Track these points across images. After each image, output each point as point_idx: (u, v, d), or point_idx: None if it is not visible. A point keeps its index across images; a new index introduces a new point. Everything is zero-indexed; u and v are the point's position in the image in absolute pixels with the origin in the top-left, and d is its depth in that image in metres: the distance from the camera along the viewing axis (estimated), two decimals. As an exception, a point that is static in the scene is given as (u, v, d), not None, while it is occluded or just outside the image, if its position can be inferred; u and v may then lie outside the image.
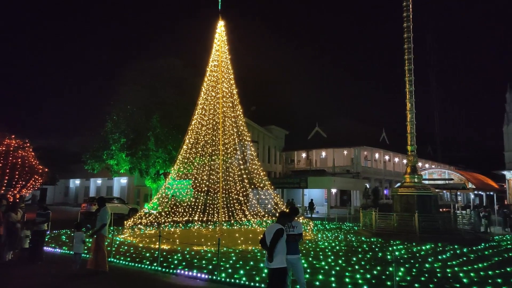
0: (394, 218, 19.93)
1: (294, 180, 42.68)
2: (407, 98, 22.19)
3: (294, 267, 7.45)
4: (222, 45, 20.29)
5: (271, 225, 7.04)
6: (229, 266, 11.18)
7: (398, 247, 15.91)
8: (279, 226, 6.79)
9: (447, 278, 10.25)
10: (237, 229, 21.78)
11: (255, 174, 21.29)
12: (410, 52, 22.33)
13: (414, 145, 22.06)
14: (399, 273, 10.33)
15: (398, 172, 53.16)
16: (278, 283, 6.63)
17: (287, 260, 7.14)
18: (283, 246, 6.74)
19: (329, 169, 49.27)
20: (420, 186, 21.30)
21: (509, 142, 50.89)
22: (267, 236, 6.69)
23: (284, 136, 56.26)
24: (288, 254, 7.13)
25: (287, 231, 7.40)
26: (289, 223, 7.57)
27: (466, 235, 19.23)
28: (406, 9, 22.56)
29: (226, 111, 20.17)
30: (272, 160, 53.63)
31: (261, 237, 6.95)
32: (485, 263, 12.59)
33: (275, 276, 6.62)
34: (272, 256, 6.57)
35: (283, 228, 6.86)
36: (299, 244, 7.73)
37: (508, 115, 51.95)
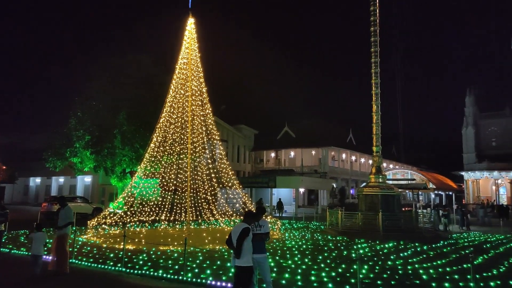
0: (359, 217, 20.43)
1: (263, 179, 42.89)
2: (373, 100, 22.78)
3: (261, 266, 7.47)
4: (191, 42, 20.08)
5: (237, 224, 7.05)
6: (195, 266, 11.08)
7: (363, 245, 16.32)
8: (245, 225, 6.81)
9: (408, 275, 10.62)
10: (205, 228, 21.63)
11: (223, 173, 21.22)
12: (377, 56, 22.93)
13: (379, 146, 22.67)
14: (362, 271, 10.59)
15: (364, 172, 54.56)
16: (244, 282, 6.65)
17: (254, 259, 7.16)
18: (249, 245, 6.75)
19: (297, 169, 49.86)
20: (384, 186, 21.93)
21: (467, 145, 53.43)
22: (233, 236, 6.69)
23: (253, 136, 56.42)
24: (254, 253, 7.15)
25: (254, 230, 7.42)
26: (256, 223, 7.60)
27: (427, 233, 20.01)
28: (373, 13, 23.16)
29: (195, 110, 19.97)
30: (241, 159, 53.65)
31: (228, 237, 6.94)
32: (444, 260, 13.13)
33: (242, 275, 6.62)
34: (239, 255, 6.57)
35: (249, 227, 6.88)
36: (266, 243, 7.77)
37: (467, 119, 54.55)
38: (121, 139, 27.93)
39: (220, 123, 46.04)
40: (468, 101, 55.23)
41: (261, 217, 7.84)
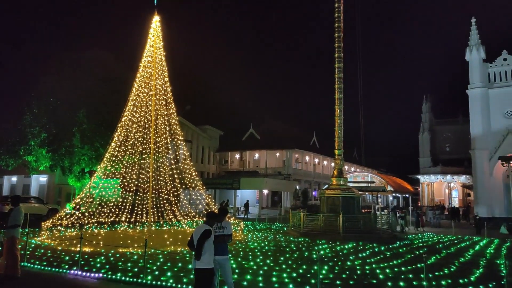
0: (320, 219, 20.83)
1: (227, 180, 42.79)
2: (336, 105, 23.32)
3: (222, 267, 7.45)
4: (157, 40, 19.74)
5: (199, 226, 7.00)
6: (156, 268, 10.87)
7: (323, 246, 16.65)
8: (207, 227, 6.76)
9: (366, 275, 10.95)
10: (167, 230, 21.27)
11: (187, 174, 20.96)
12: (340, 61, 23.51)
13: (341, 149, 23.23)
14: (323, 271, 10.81)
15: (326, 174, 55.71)
16: (205, 284, 6.60)
17: (216, 260, 7.13)
18: (210, 247, 6.71)
19: (261, 171, 50.14)
20: (345, 188, 22.49)
21: (423, 149, 55.90)
22: (195, 238, 6.63)
23: (218, 137, 56.18)
24: (216, 254, 7.12)
25: (216, 232, 7.39)
26: (218, 224, 7.56)
27: (384, 234, 20.72)
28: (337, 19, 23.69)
29: (159, 109, 19.63)
30: (205, 160, 53.24)
31: (189, 239, 6.86)
32: (399, 260, 13.64)
33: (202, 277, 6.57)
34: (200, 256, 6.52)
35: (211, 229, 6.84)
36: (228, 245, 7.75)
37: (424, 125, 57.10)
38: (81, 137, 26.93)
39: (184, 123, 45.47)
40: (424, 108, 57.84)
41: (224, 219, 7.82)
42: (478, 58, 34.56)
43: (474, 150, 34.00)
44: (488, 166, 33.11)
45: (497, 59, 34.51)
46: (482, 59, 34.67)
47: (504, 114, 33.28)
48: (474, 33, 35.24)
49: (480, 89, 33.97)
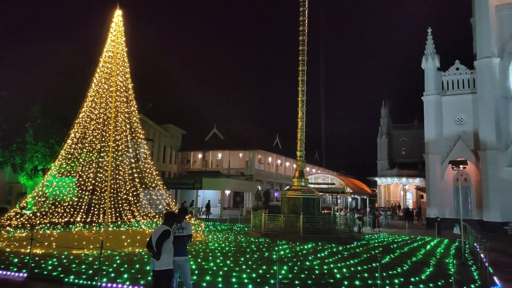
0: (281, 220, 21.05)
1: (189, 180, 42.27)
2: (299, 107, 23.67)
3: (182, 269, 7.36)
4: (118, 35, 19.17)
5: (158, 227, 6.87)
6: (112, 270, 10.54)
7: (284, 247, 16.84)
8: (166, 227, 6.65)
9: (324, 274, 11.18)
10: (125, 230, 20.69)
11: (147, 173, 20.50)
12: (304, 64, 23.89)
13: (303, 151, 23.60)
14: (282, 271, 10.92)
15: (288, 175, 56.39)
16: (163, 285, 6.48)
17: (175, 261, 7.04)
18: (169, 248, 6.61)
19: (224, 171, 49.98)
20: (306, 189, 22.86)
21: (381, 152, 57.96)
22: (154, 239, 6.50)
23: (181, 136, 55.40)
24: (176, 255, 7.04)
25: (176, 232, 7.29)
26: (178, 224, 7.47)
27: (342, 235, 21.26)
28: (302, 23, 24.08)
29: (119, 106, 19.07)
30: (167, 159, 52.33)
31: (148, 240, 6.71)
32: (356, 259, 14.06)
33: (160, 278, 6.45)
34: (158, 257, 6.40)
35: (170, 229, 6.73)
36: (188, 246, 7.66)
37: (382, 129, 59.21)
38: (34, 133, 25.67)
39: (146, 121, 44.47)
40: (383, 113, 59.99)
41: (184, 219, 7.72)
42: (433, 66, 36.27)
43: (427, 154, 35.63)
44: (440, 170, 34.83)
45: (450, 68, 36.38)
46: (436, 68, 36.41)
47: (455, 120, 35.14)
48: (430, 43, 36.96)
49: (434, 96, 35.68)
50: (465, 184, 33.47)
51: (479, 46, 33.88)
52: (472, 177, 33.90)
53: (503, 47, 33.55)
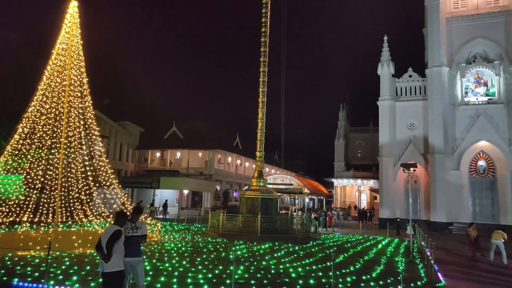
0: (239, 220, 21.08)
1: (146, 179, 41.28)
2: (260, 108, 23.82)
3: (135, 270, 7.18)
4: (73, 27, 18.35)
5: (108, 227, 6.65)
6: (60, 272, 10.07)
7: (241, 247, 16.87)
8: (116, 227, 6.45)
9: (279, 274, 11.32)
10: (76, 231, 19.84)
11: (101, 171, 19.77)
12: (265, 65, 24.07)
13: (262, 152, 23.76)
14: (238, 271, 10.94)
15: (248, 176, 56.55)
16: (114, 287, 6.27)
17: (127, 263, 6.88)
18: (120, 249, 6.42)
19: (183, 170, 49.27)
20: (264, 189, 23.04)
21: (338, 154, 59.56)
22: (103, 239, 6.27)
23: (139, 134, 53.99)
24: (129, 256, 6.88)
25: (130, 232, 7.13)
26: (132, 224, 7.30)
27: (299, 235, 21.63)
28: (264, 24, 24.25)
29: (72, 101, 18.25)
30: (124, 157, 50.81)
31: (97, 242, 6.46)
32: (311, 258, 14.35)
33: (111, 280, 6.24)
34: (108, 259, 6.18)
35: (121, 229, 6.53)
36: (142, 246, 7.48)
37: (339, 131, 60.86)
38: (-23, 127, 24.00)
39: (102, 117, 42.95)
40: (341, 116, 61.70)
41: (138, 218, 7.54)
42: (388, 73, 37.81)
43: (381, 157, 37.09)
44: (393, 172, 36.36)
45: (404, 75, 38.07)
46: (391, 74, 37.98)
47: (407, 125, 36.82)
48: (386, 50, 38.51)
49: (389, 102, 37.20)
50: (415, 186, 35.17)
51: (430, 56, 35.75)
52: (422, 180, 35.67)
53: (452, 57, 35.60)
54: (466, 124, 33.91)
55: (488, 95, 34.36)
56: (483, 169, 33.68)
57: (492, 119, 33.21)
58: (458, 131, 34.30)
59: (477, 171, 33.84)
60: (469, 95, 34.92)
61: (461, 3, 36.18)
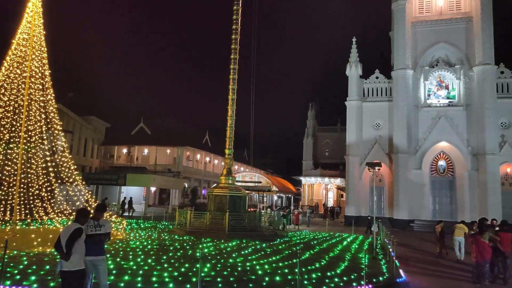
0: (207, 217, 20.95)
1: (112, 176, 40.20)
2: (229, 105, 23.73)
3: (97, 269, 7.02)
4: (36, 17, 17.57)
5: (68, 225, 6.44)
6: (18, 272, 9.65)
7: (208, 245, 16.77)
8: (77, 225, 6.25)
9: (246, 271, 11.35)
10: (35, 229, 19.04)
11: (64, 167, 19.07)
12: (235, 63, 24.00)
13: (231, 149, 23.71)
14: (205, 269, 10.88)
15: (217, 173, 56.31)
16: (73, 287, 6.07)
17: (90, 261, 6.73)
18: (81, 247, 6.23)
19: (150, 167, 48.41)
20: (233, 187, 23.01)
21: (306, 153, 60.40)
22: (63, 238, 6.05)
23: (104, 129, 52.55)
24: (91, 255, 6.73)
25: (93, 230, 6.96)
26: (95, 222, 7.13)
27: (267, 232, 21.77)
28: (235, 21, 24.16)
29: (33, 94, 17.48)
30: (88, 153, 49.32)
31: (56, 240, 6.24)
32: (278, 256, 14.48)
33: (70, 279, 6.04)
34: (68, 258, 5.98)
35: (82, 227, 6.34)
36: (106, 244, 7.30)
37: (308, 130, 61.71)
38: None
39: (65, 112, 41.45)
40: (310, 115, 62.59)
41: (101, 216, 7.35)
42: (356, 74, 38.67)
43: (348, 156, 37.93)
44: (359, 171, 37.28)
45: (371, 77, 39.07)
46: (359, 75, 38.86)
47: (373, 125, 37.84)
48: (354, 52, 39.35)
49: (356, 102, 38.08)
50: (380, 185, 36.22)
51: (396, 58, 36.88)
52: (386, 178, 36.79)
53: (417, 61, 36.88)
54: (428, 125, 35.28)
55: (449, 98, 35.87)
56: (443, 169, 35.17)
57: (452, 121, 34.72)
58: (421, 132, 35.61)
59: (437, 170, 35.29)
60: (431, 97, 36.31)
61: (426, 8, 37.51)
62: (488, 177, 32.45)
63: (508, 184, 34.16)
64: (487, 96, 33.59)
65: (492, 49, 34.08)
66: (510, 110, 34.32)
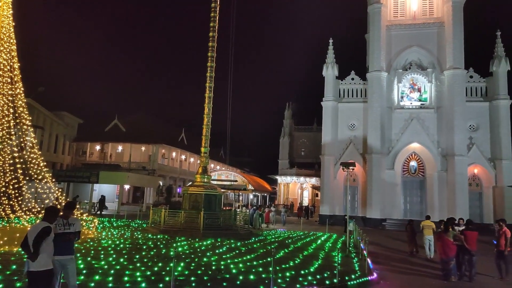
0: (182, 216, 20.73)
1: (84, 173, 39.21)
2: (206, 103, 23.54)
3: (66, 269, 6.83)
4: (5, 7, 16.92)
5: (36, 224, 6.24)
6: (-19, 272, 9.27)
7: (182, 243, 16.61)
8: (45, 224, 6.06)
9: (220, 270, 11.30)
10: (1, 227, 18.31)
11: (33, 164, 18.44)
12: (213, 61, 23.82)
13: (207, 147, 23.54)
14: (178, 268, 10.76)
15: (192, 171, 55.81)
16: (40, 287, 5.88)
17: (58, 261, 6.55)
18: (49, 247, 6.05)
19: (124, 165, 47.49)
20: (208, 186, 22.86)
21: (283, 152, 60.78)
22: (30, 237, 5.85)
23: (77, 125, 51.22)
24: (59, 254, 6.55)
25: (62, 229, 6.77)
26: (64, 221, 6.94)
27: (242, 231, 21.77)
28: (213, 19, 23.96)
29: (1, 87, 16.83)
30: (59, 150, 47.93)
31: (23, 239, 6.02)
32: (253, 254, 14.49)
33: (36, 280, 5.85)
34: (35, 257, 5.78)
35: (50, 226, 6.16)
36: (76, 243, 7.12)
37: (285, 129, 62.09)
38: None
39: (36, 106, 40.18)
40: (286, 114, 62.99)
41: (71, 214, 7.16)
42: (332, 74, 39.18)
43: (323, 156, 38.41)
44: (333, 170, 37.82)
45: (346, 78, 39.68)
46: (335, 76, 39.40)
47: (348, 126, 38.46)
48: (331, 53, 39.84)
49: (332, 102, 38.58)
50: (353, 184, 36.89)
51: (371, 60, 37.60)
52: (360, 178, 37.47)
53: (391, 63, 37.71)
54: (401, 127, 36.16)
55: (421, 100, 36.88)
56: (414, 169, 36.16)
57: (423, 123, 35.73)
58: (394, 133, 36.45)
59: (409, 171, 36.25)
60: (404, 99, 37.23)
61: (400, 12, 38.40)
62: (457, 177, 33.58)
63: (475, 184, 35.48)
64: (457, 100, 34.74)
65: (462, 54, 35.27)
66: (478, 113, 35.64)
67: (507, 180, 33.23)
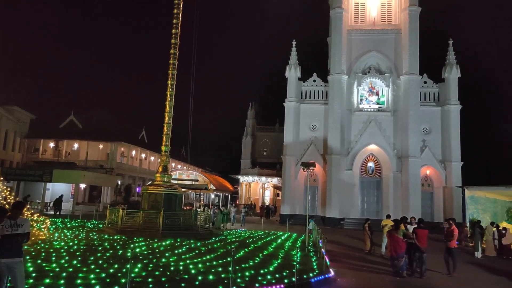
0: (140, 216, 20.23)
1: (36, 171, 37.34)
2: (167, 101, 23.10)
3: (13, 272, 6.51)
4: None
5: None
6: None
7: (140, 244, 16.21)
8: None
9: (179, 271, 11.12)
10: None
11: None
12: (175, 58, 23.42)
13: (168, 146, 23.11)
14: (135, 270, 10.49)
15: (153, 170, 54.61)
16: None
17: (5, 264, 6.32)
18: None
19: (80, 163, 45.68)
20: (168, 185, 22.45)
21: (245, 152, 60.96)
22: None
23: (29, 121, 48.65)
24: (5, 257, 6.28)
25: (9, 230, 6.47)
26: (12, 221, 6.61)
27: (202, 231, 21.57)
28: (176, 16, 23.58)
29: None
30: (9, 146, 45.36)
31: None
32: (212, 254, 14.39)
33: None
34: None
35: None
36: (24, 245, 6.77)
37: (247, 129, 62.32)
38: None
39: (-17, 100, 37.74)
40: (249, 114, 63.24)
41: (19, 214, 6.80)
42: (295, 76, 39.76)
43: (285, 156, 38.91)
44: (294, 170, 38.40)
45: (309, 80, 40.42)
46: (298, 78, 40.03)
47: (310, 127, 39.19)
48: (294, 54, 40.43)
49: (294, 103, 39.17)
50: (314, 184, 37.65)
51: (332, 63, 38.53)
52: (320, 178, 38.29)
53: (351, 67, 38.83)
54: (360, 129, 37.33)
55: (379, 103, 38.26)
56: (372, 170, 37.46)
57: (381, 125, 37.08)
58: (353, 135, 37.57)
59: (366, 171, 37.49)
60: (363, 102, 38.46)
61: (361, 18, 39.63)
62: (410, 178, 35.16)
63: (427, 185, 37.30)
64: (411, 104, 36.37)
65: (417, 60, 36.97)
66: (431, 117, 37.50)
67: (456, 181, 35.20)
